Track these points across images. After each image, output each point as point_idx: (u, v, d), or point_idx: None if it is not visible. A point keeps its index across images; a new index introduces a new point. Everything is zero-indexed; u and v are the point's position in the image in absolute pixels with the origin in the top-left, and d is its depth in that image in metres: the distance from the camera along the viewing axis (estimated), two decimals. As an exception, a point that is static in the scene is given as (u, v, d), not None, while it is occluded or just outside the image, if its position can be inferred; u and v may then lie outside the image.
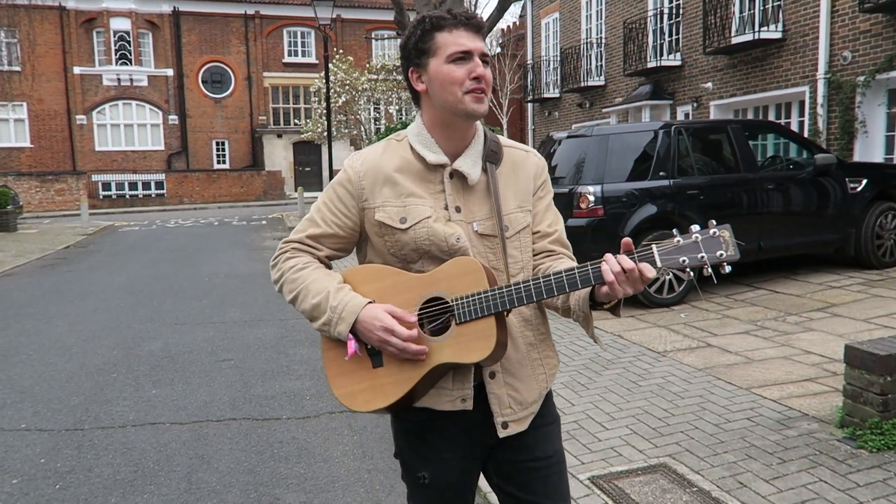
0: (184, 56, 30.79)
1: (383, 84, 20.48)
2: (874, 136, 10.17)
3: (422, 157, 1.57)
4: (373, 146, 1.65)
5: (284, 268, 1.60)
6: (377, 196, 1.56)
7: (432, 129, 1.59)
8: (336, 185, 1.61)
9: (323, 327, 1.52)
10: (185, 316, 7.44)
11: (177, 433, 4.12)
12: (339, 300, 1.50)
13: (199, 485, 3.43)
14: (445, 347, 1.49)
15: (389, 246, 1.56)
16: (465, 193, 1.58)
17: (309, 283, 1.55)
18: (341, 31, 31.87)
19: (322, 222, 1.60)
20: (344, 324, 1.49)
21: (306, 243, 1.62)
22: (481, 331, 1.48)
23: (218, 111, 31.56)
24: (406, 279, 1.53)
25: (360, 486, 3.38)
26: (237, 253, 12.98)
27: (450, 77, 1.50)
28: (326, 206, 1.61)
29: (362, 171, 1.58)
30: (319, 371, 5.30)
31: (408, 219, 1.53)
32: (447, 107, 1.53)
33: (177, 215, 24.38)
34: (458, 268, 1.50)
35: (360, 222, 1.59)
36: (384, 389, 1.52)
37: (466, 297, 1.47)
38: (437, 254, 1.53)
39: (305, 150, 30.71)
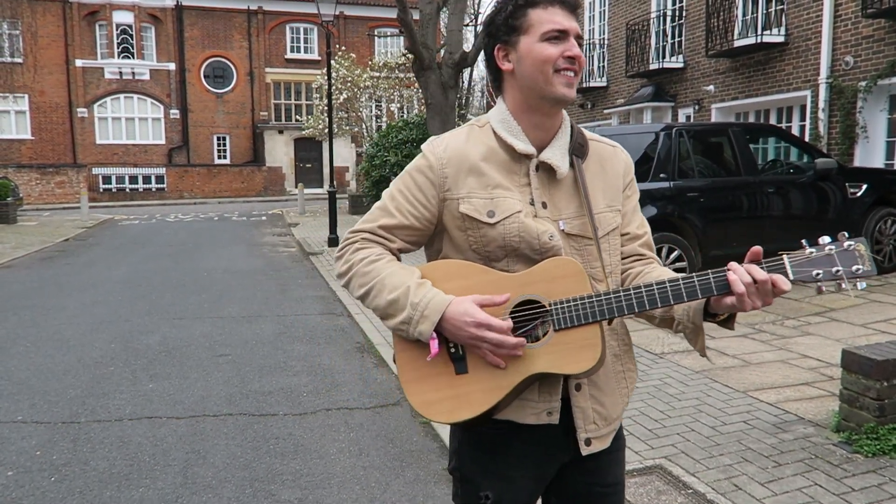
0: (186, 50, 30.76)
1: (385, 82, 20.48)
2: (875, 142, 10.18)
3: (508, 145, 1.44)
4: (454, 132, 1.51)
5: (354, 259, 1.45)
6: (461, 186, 1.43)
7: (517, 114, 1.46)
8: (414, 172, 1.46)
9: (400, 326, 1.37)
10: (183, 310, 7.44)
11: (173, 427, 4.12)
12: (420, 296, 1.35)
13: (194, 479, 3.44)
14: (543, 355, 1.36)
15: (473, 241, 1.43)
16: (551, 188, 1.45)
17: (384, 277, 1.40)
18: (344, 28, 31.84)
19: (397, 212, 1.46)
20: (427, 322, 1.34)
21: (378, 234, 1.47)
22: (585, 339, 1.35)
23: (219, 106, 31.54)
24: (496, 278, 1.39)
25: (355, 483, 3.39)
26: (237, 248, 12.98)
27: (542, 55, 1.38)
28: (402, 194, 1.46)
29: (445, 157, 1.44)
30: (317, 367, 5.31)
31: (496, 212, 1.41)
32: (535, 88, 1.40)
33: (177, 210, 24.37)
34: (558, 269, 1.38)
35: (438, 214, 1.45)
36: (469, 399, 1.37)
37: (567, 302, 1.35)
38: (526, 252, 1.41)
39: (306, 147, 30.69)
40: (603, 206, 1.48)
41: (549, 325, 1.36)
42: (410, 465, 3.59)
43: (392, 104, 22.53)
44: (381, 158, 12.93)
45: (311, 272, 10.12)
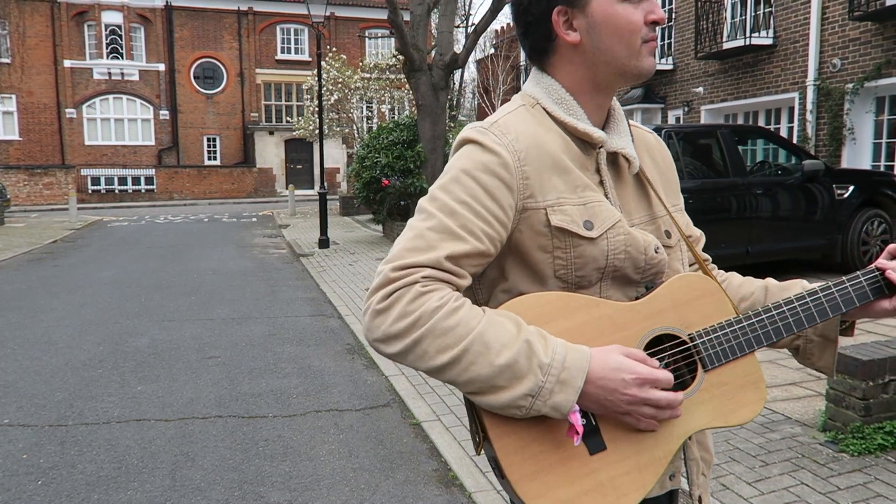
0: (176, 51, 30.64)
1: (376, 83, 20.46)
2: (862, 143, 10.27)
3: (582, 132, 1.11)
4: (510, 113, 1.13)
5: (423, 312, 0.97)
6: (548, 189, 1.07)
7: (578, 94, 1.14)
8: (480, 173, 1.05)
9: (520, 402, 0.96)
10: (172, 312, 7.40)
11: (162, 430, 4.10)
12: (551, 353, 0.97)
13: (183, 482, 3.42)
14: (698, 406, 1.05)
15: (562, 265, 1.07)
16: (618, 187, 1.16)
17: (483, 332, 0.97)
18: (335, 29, 31.80)
19: (467, 233, 1.02)
20: (567, 390, 0.96)
21: (445, 268, 1.01)
22: (745, 375, 1.08)
23: (210, 107, 31.42)
24: (611, 311, 1.05)
25: (344, 485, 3.38)
26: (227, 250, 12.93)
27: (627, 21, 1.08)
28: (469, 206, 1.03)
29: (522, 149, 1.07)
30: (307, 369, 5.30)
31: (595, 223, 1.07)
32: (614, 64, 1.10)
33: (166, 211, 24.26)
34: (689, 289, 1.08)
35: (511, 231, 1.07)
36: (617, 485, 1.01)
37: (714, 331, 1.07)
38: (628, 273, 1.10)
39: (297, 148, 30.63)
40: (669, 206, 1.22)
41: (696, 365, 1.07)
42: (400, 466, 3.59)
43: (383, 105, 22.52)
44: (371, 160, 12.91)
45: (301, 274, 10.10)
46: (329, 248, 12.40)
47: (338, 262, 10.81)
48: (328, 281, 9.19)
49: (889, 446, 3.34)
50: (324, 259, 11.24)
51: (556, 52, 1.14)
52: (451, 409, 4.30)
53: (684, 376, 1.08)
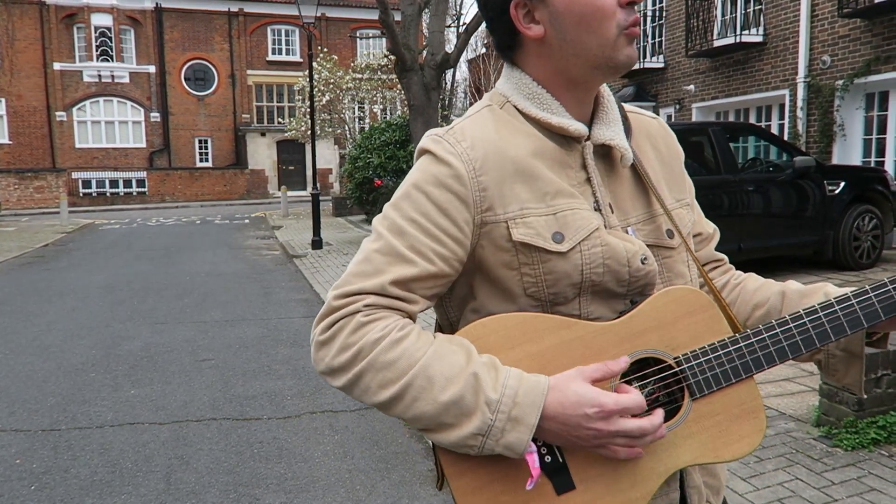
0: (166, 53, 30.52)
1: (368, 83, 20.44)
2: (852, 140, 10.32)
3: (556, 126, 1.00)
4: (472, 118, 1.02)
5: (362, 343, 0.90)
6: (509, 200, 0.96)
7: (553, 88, 1.02)
8: (431, 187, 0.95)
9: (469, 441, 0.87)
10: (165, 315, 7.37)
11: (155, 433, 4.08)
12: (500, 386, 0.87)
13: (177, 485, 3.40)
14: (684, 439, 0.94)
15: (530, 282, 0.96)
16: (610, 183, 1.04)
17: (427, 365, 0.88)
18: (326, 30, 31.75)
19: (415, 254, 0.93)
20: (520, 428, 0.86)
21: (390, 293, 0.93)
22: (739, 404, 0.95)
23: (201, 109, 31.32)
24: (584, 333, 0.93)
25: (340, 487, 3.37)
26: (219, 252, 12.89)
27: (593, 7, 0.95)
28: (418, 224, 0.94)
29: (477, 158, 0.96)
30: (301, 370, 5.28)
31: (566, 235, 0.96)
32: (585, 55, 0.97)
33: (158, 213, 24.16)
34: (676, 305, 0.96)
35: (471, 248, 0.97)
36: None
37: (703, 354, 0.95)
38: (609, 286, 0.98)
39: (289, 149, 30.56)
40: (672, 202, 1.09)
41: (683, 392, 0.95)
42: (396, 466, 3.59)
43: (375, 105, 22.50)
44: (363, 160, 12.90)
45: (294, 275, 10.07)
46: (322, 249, 12.38)
47: (331, 263, 10.79)
48: (322, 282, 9.17)
49: (882, 440, 3.35)
50: (317, 260, 11.22)
51: (521, 47, 1.03)
52: (446, 409, 4.30)
53: (673, 405, 0.95)
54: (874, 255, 7.82)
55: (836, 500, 2.91)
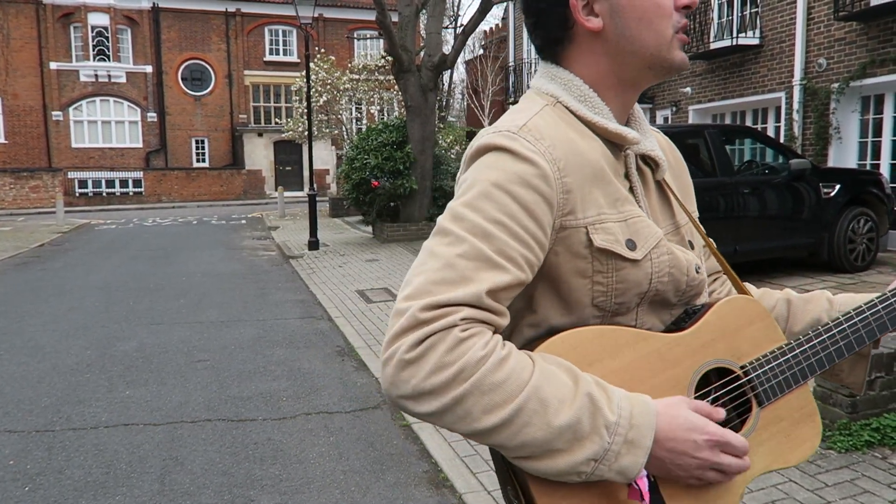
0: (163, 53, 30.46)
1: (365, 84, 20.44)
2: (848, 142, 10.35)
3: (614, 133, 0.98)
4: (534, 114, 0.96)
5: (466, 363, 0.80)
6: (589, 204, 0.92)
7: (602, 90, 1.00)
8: (516, 187, 0.88)
9: (581, 467, 0.82)
10: (161, 315, 7.36)
11: (150, 434, 4.08)
12: (616, 407, 0.83)
13: (172, 486, 3.40)
14: (757, 447, 0.94)
15: (600, 291, 0.93)
16: (645, 194, 1.03)
17: (538, 386, 0.81)
18: (323, 31, 31.73)
19: (506, 260, 0.85)
20: (636, 451, 0.83)
21: (486, 306, 0.84)
22: (799, 409, 0.98)
23: (198, 109, 31.27)
24: (659, 346, 0.92)
25: (335, 488, 3.37)
26: (216, 252, 12.87)
27: (655, 4, 0.95)
28: (505, 227, 0.86)
29: (560, 158, 0.91)
30: (296, 372, 5.28)
31: (637, 242, 0.94)
32: (642, 53, 0.97)
33: (155, 214, 24.12)
34: (738, 315, 0.97)
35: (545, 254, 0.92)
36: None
37: (766, 362, 0.96)
38: (668, 297, 0.98)
39: (286, 150, 30.52)
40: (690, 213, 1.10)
41: (751, 400, 0.96)
42: (391, 468, 3.59)
43: (372, 106, 22.48)
44: (360, 161, 12.88)
45: (291, 276, 10.06)
46: (319, 250, 12.37)
47: (327, 264, 10.79)
48: (318, 283, 9.16)
49: (876, 443, 3.36)
50: (313, 261, 11.21)
51: (573, 42, 0.99)
52: (441, 411, 4.30)
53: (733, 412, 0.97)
54: (869, 257, 7.85)
55: (830, 502, 2.92)
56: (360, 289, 8.59)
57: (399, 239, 13.07)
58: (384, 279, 9.23)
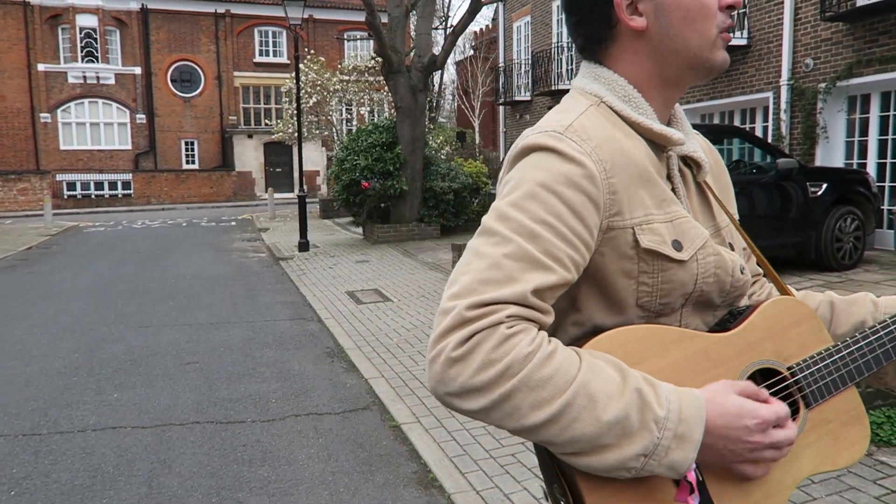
0: (152, 54, 30.32)
1: (355, 85, 20.41)
2: (835, 142, 10.43)
3: (658, 134, 0.98)
4: (579, 114, 0.96)
5: (513, 359, 0.80)
6: (635, 205, 0.93)
7: (644, 89, 1.00)
8: (563, 187, 0.88)
9: (630, 463, 0.81)
10: (149, 318, 7.32)
11: (138, 437, 4.06)
12: (664, 402, 0.83)
13: (160, 489, 3.38)
14: (805, 449, 0.95)
15: (645, 291, 0.94)
16: (686, 195, 1.03)
17: (586, 381, 0.81)
18: (313, 32, 31.67)
19: (553, 261, 0.86)
20: (686, 445, 0.82)
21: (532, 304, 0.84)
22: (847, 411, 0.98)
23: (187, 110, 31.14)
24: (706, 345, 0.92)
25: (323, 489, 3.36)
26: (205, 254, 12.81)
27: (701, 4, 0.95)
28: (552, 227, 0.86)
29: (607, 159, 0.91)
30: (286, 373, 5.27)
31: (683, 243, 0.94)
32: (685, 53, 0.97)
33: (144, 216, 23.99)
34: (785, 315, 0.97)
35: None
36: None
37: (813, 363, 0.96)
38: (712, 297, 0.98)
39: (276, 151, 30.43)
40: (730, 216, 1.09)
41: (795, 402, 0.95)
42: (380, 468, 3.59)
43: (362, 107, 22.46)
44: (350, 162, 12.86)
45: (280, 277, 10.04)
46: (309, 252, 12.35)
47: (318, 266, 10.76)
48: (308, 284, 9.14)
49: (861, 439, 3.38)
50: (304, 262, 11.18)
51: (616, 41, 0.99)
52: (430, 411, 4.30)
53: None
54: (856, 255, 7.91)
55: (816, 499, 2.94)
56: (350, 290, 8.58)
57: (390, 240, 13.06)
58: (374, 280, 9.22)
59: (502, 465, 3.50)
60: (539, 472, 3.27)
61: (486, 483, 3.31)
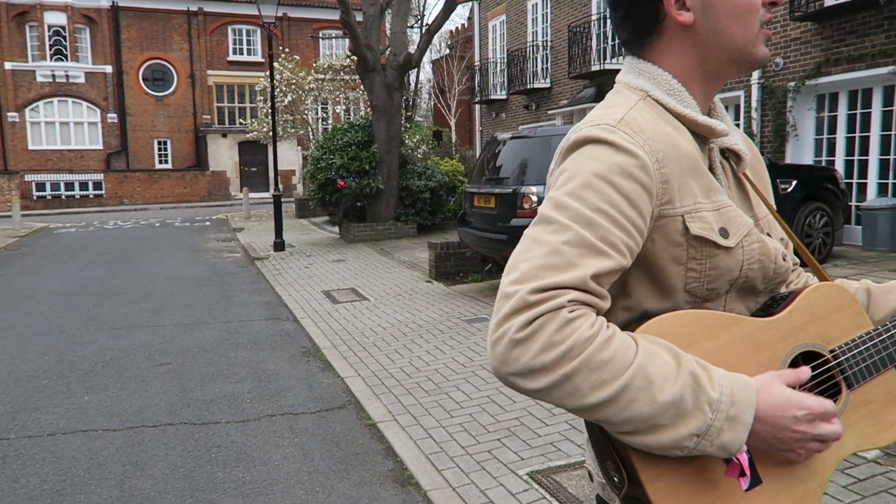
0: (123, 52, 29.85)
1: (330, 84, 20.30)
2: (804, 139, 10.61)
3: (703, 126, 1.02)
4: (630, 107, 0.99)
5: (575, 341, 0.83)
6: (685, 194, 0.96)
7: (688, 82, 1.03)
8: (618, 178, 0.91)
9: (684, 442, 0.85)
10: (122, 319, 7.21)
11: (109, 440, 3.99)
12: (717, 385, 0.86)
13: (131, 492, 3.33)
14: (847, 428, 0.98)
15: (693, 277, 0.98)
16: (727, 186, 1.07)
17: (643, 364, 0.85)
18: (288, 30, 31.44)
19: (609, 246, 0.89)
20: (738, 427, 0.86)
21: (591, 290, 0.88)
22: (887, 392, 1.02)
23: (160, 109, 30.71)
24: (752, 330, 0.96)
25: (299, 489, 3.34)
26: (179, 255, 12.66)
27: (748, 3, 0.99)
28: (608, 216, 0.90)
29: (658, 150, 0.95)
30: (261, 373, 5.22)
31: (730, 231, 0.98)
32: (729, 49, 1.01)
33: (116, 216, 23.62)
34: (828, 301, 1.01)
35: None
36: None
37: (855, 346, 1.00)
38: (756, 283, 1.03)
39: (251, 150, 30.16)
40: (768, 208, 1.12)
41: (837, 384, 1.00)
42: (356, 467, 3.57)
43: (338, 106, 22.33)
44: (326, 161, 12.78)
45: (256, 277, 9.95)
46: (285, 251, 12.26)
47: (293, 265, 10.69)
48: (283, 284, 9.08)
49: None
50: (279, 262, 11.10)
51: (662, 36, 1.02)
52: (406, 409, 4.30)
53: (823, 394, 1.00)
54: (825, 251, 8.05)
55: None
56: (326, 289, 8.53)
57: (366, 239, 13.01)
58: (351, 279, 9.18)
59: (479, 461, 3.50)
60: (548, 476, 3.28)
61: (463, 479, 3.32)
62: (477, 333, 6.04)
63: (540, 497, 3.08)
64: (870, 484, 3.05)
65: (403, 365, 5.23)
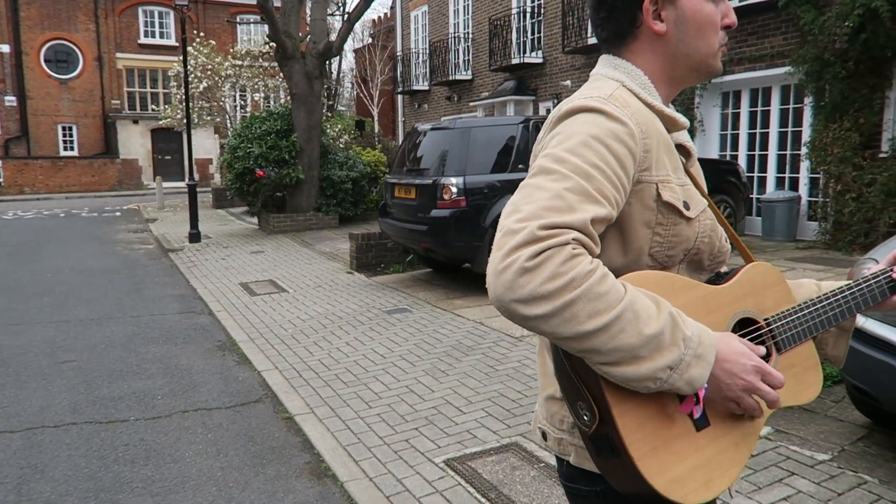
0: (22, 31, 27.98)
1: (248, 70, 19.72)
2: (710, 135, 11.13)
3: (669, 117, 1.17)
4: (615, 89, 1.13)
5: (577, 273, 0.92)
6: (661, 165, 1.10)
7: (656, 83, 1.18)
8: (611, 140, 1.03)
9: (658, 374, 0.95)
10: (21, 315, 6.81)
11: (6, 442, 3.78)
12: (691, 328, 0.98)
13: (30, 495, 3.17)
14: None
15: (658, 242, 1.11)
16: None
17: (633, 300, 0.95)
18: (203, 14, 30.30)
19: (603, 198, 1.00)
20: (703, 364, 0.98)
21: (589, 233, 0.98)
22: (807, 359, 1.19)
23: (64, 93, 29.01)
24: (704, 294, 1.10)
25: (211, 485, 3.27)
26: (86, 247, 12.04)
27: (711, 20, 1.16)
28: (602, 171, 1.01)
29: (642, 122, 1.09)
30: (173, 369, 5.06)
31: (690, 205, 1.13)
32: (694, 57, 1.17)
33: (16, 206, 22.20)
34: (764, 277, 1.18)
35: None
36: (721, 461, 1.05)
37: (783, 316, 1.17)
38: (703, 259, 1.18)
39: (165, 138, 28.96)
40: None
41: (771, 348, 1.15)
42: (272, 461, 3.52)
43: (256, 94, 21.71)
44: (244, 150, 12.43)
45: (169, 270, 9.60)
46: (201, 243, 11.87)
47: (210, 257, 10.38)
48: (199, 276, 8.80)
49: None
50: (194, 254, 10.75)
51: (637, 39, 1.17)
52: (324, 401, 4.27)
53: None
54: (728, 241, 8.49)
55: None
56: (243, 281, 8.33)
57: (286, 230, 12.77)
58: (269, 271, 8.99)
59: (396, 450, 3.53)
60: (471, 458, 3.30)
61: (380, 469, 3.33)
62: (397, 324, 6.05)
63: (455, 484, 3.13)
64: (761, 458, 3.26)
65: (322, 357, 5.19)
